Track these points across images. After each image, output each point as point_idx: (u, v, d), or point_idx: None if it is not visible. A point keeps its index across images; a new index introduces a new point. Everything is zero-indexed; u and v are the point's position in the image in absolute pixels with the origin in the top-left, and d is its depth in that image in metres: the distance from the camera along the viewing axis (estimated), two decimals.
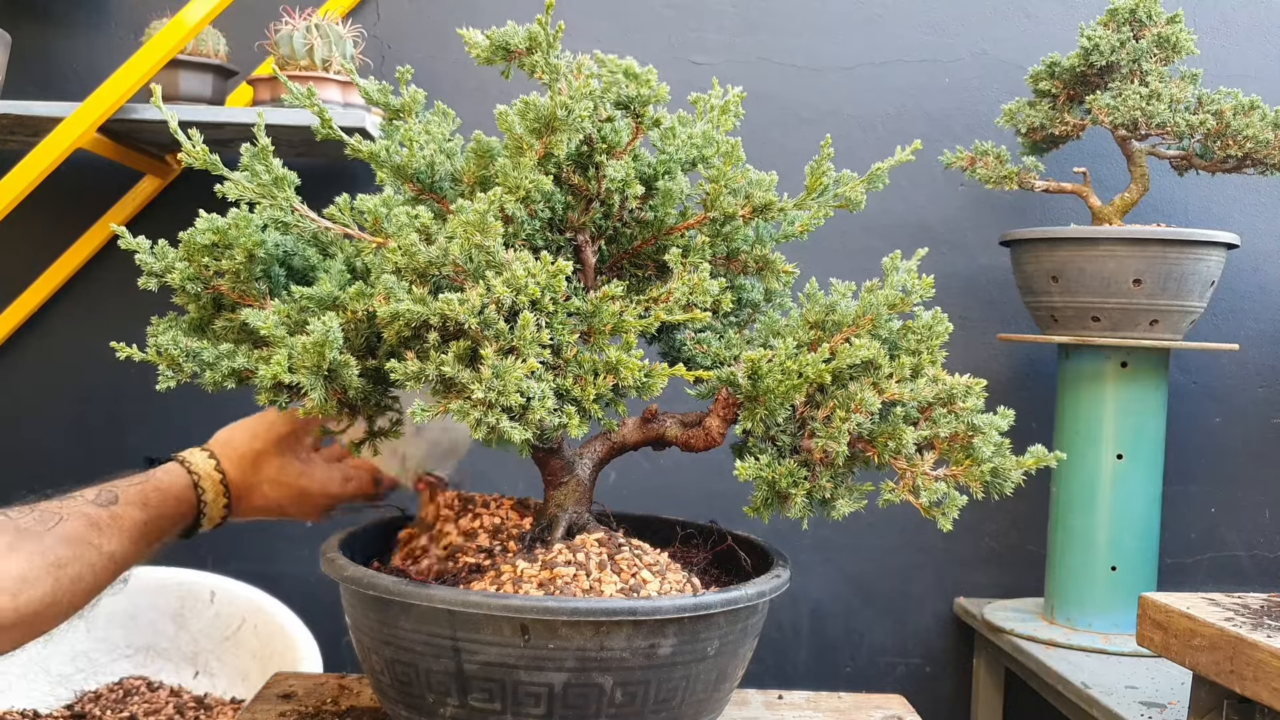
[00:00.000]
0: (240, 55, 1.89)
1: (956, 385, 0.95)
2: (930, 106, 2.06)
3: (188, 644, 1.80)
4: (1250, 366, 2.09)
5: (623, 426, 1.05)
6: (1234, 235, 1.78)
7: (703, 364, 1.05)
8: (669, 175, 1.02)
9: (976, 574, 2.09)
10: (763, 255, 1.08)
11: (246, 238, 0.95)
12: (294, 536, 2.03)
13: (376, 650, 0.95)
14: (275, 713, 1.13)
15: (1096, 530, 1.82)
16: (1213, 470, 2.10)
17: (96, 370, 2.00)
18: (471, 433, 0.87)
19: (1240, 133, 1.72)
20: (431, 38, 2.01)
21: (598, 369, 0.92)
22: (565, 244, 1.02)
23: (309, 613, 2.04)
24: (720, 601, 0.92)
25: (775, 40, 2.05)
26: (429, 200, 1.01)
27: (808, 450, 0.96)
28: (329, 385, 0.91)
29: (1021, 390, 2.07)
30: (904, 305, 0.98)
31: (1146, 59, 1.76)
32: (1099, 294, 1.74)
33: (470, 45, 1.00)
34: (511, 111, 0.95)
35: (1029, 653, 1.75)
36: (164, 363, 0.96)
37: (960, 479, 0.94)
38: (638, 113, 0.99)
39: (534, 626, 0.87)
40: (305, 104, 1.03)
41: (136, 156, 1.86)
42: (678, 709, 0.93)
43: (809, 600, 2.08)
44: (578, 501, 1.05)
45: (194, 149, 0.99)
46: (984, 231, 2.06)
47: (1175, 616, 1.23)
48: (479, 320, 0.87)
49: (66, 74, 1.98)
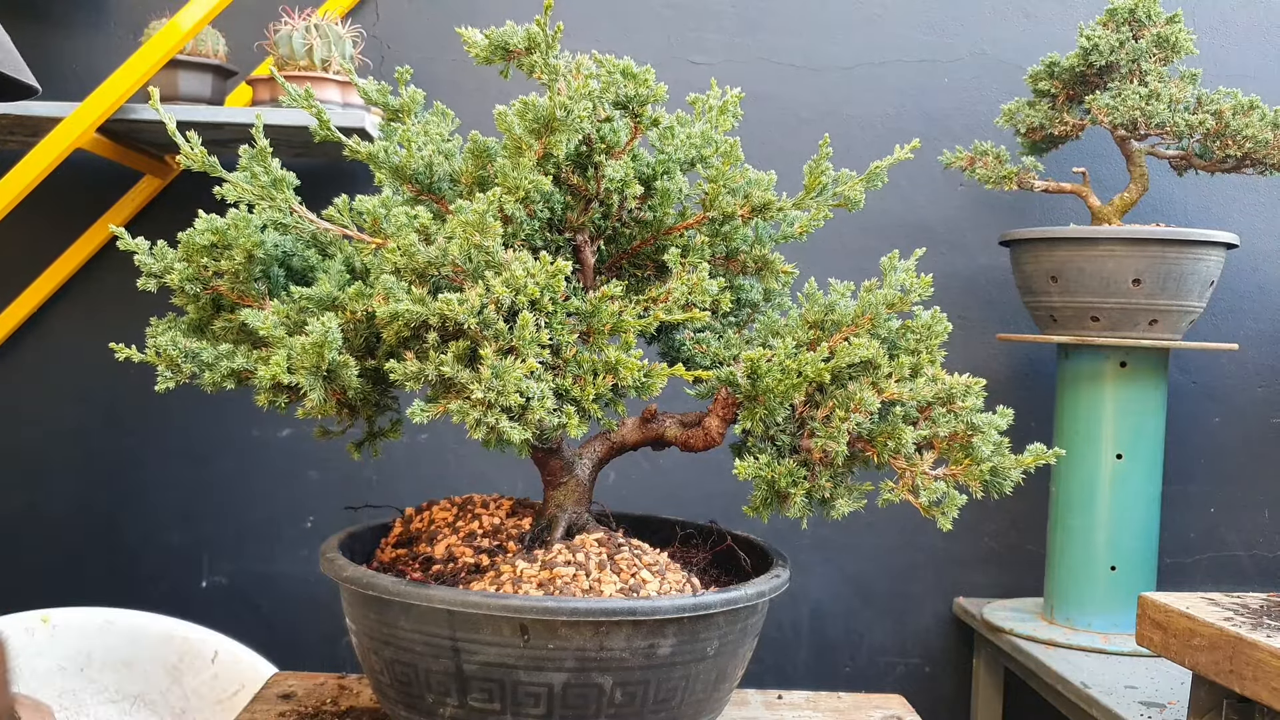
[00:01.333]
0: (240, 55, 1.89)
1: (956, 385, 0.95)
2: (929, 106, 2.06)
3: (178, 699, 1.77)
4: (1249, 366, 2.09)
5: (622, 426, 1.05)
6: (1233, 235, 1.78)
7: (702, 364, 1.05)
8: (668, 175, 1.02)
9: (976, 574, 2.09)
10: (762, 255, 1.08)
11: (245, 238, 0.95)
12: (294, 537, 2.04)
13: (376, 650, 0.95)
14: (275, 712, 1.13)
15: (1096, 530, 1.82)
16: (1212, 470, 2.10)
17: (95, 371, 2.00)
18: (471, 433, 0.87)
19: (1239, 133, 1.72)
20: (431, 38, 2.01)
21: (597, 369, 0.92)
22: (564, 244, 1.02)
23: (309, 613, 2.05)
24: (720, 601, 0.92)
25: (774, 40, 2.05)
26: (428, 201, 1.01)
27: (807, 450, 0.96)
28: (328, 385, 0.91)
29: (1021, 390, 2.07)
30: (903, 305, 0.98)
31: (1146, 59, 1.76)
32: (1098, 294, 1.74)
33: (469, 45, 1.00)
34: (510, 112, 0.95)
35: (1028, 652, 1.75)
36: (163, 363, 0.96)
37: (960, 478, 0.94)
38: (636, 113, 0.99)
39: (534, 627, 0.87)
40: (303, 105, 1.03)
41: (136, 157, 1.86)
42: (677, 709, 0.93)
43: (809, 600, 2.08)
44: (577, 502, 1.05)
45: (192, 151, 0.99)
46: (983, 231, 2.06)
47: (1175, 616, 1.23)
48: (478, 320, 0.87)
49: (66, 74, 1.98)
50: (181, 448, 2.03)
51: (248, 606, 2.03)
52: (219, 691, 1.75)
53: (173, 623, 1.79)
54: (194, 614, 1.89)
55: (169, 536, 2.03)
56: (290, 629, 2.04)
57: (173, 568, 2.03)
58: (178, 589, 2.02)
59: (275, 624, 2.04)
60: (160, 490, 2.03)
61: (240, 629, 1.97)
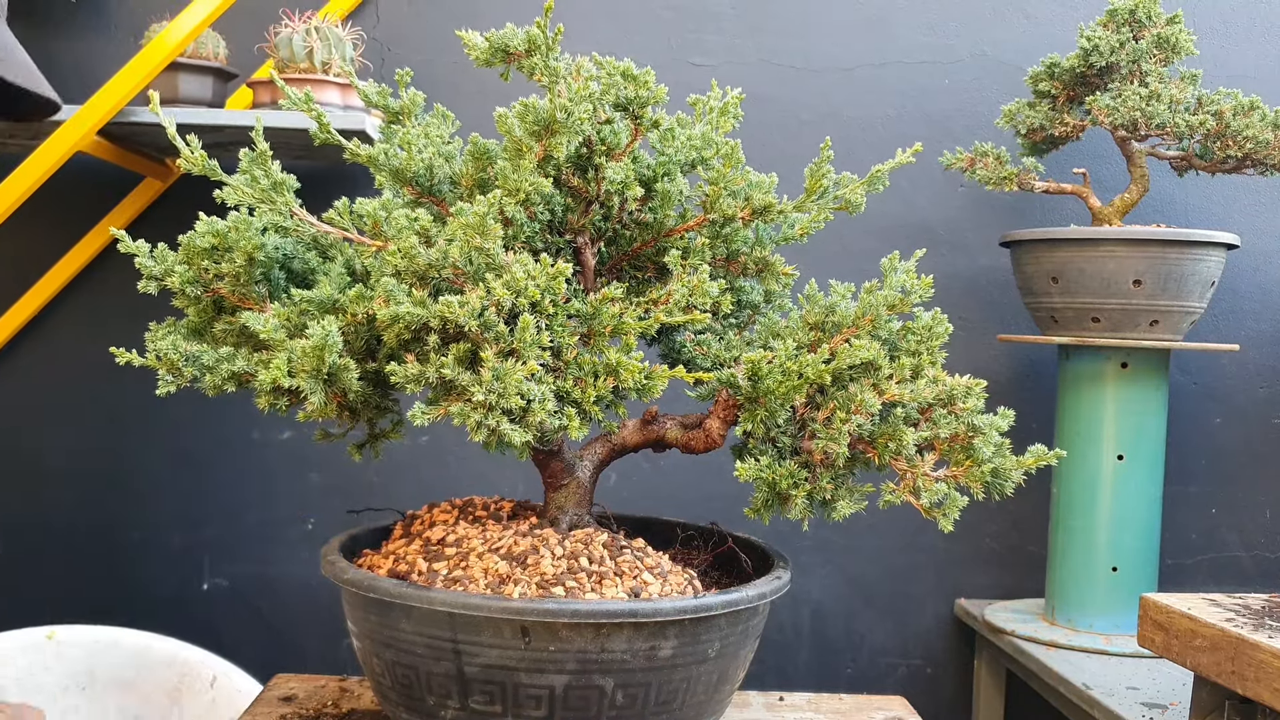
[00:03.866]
0: (240, 58, 1.89)
1: (957, 386, 0.95)
2: (930, 108, 2.06)
3: None
4: (1250, 367, 2.09)
5: (623, 428, 1.05)
6: (1234, 236, 1.78)
7: (703, 365, 1.05)
8: (668, 177, 1.02)
9: (977, 575, 2.09)
10: (762, 257, 1.08)
11: (246, 241, 0.95)
12: (294, 539, 2.04)
13: (377, 653, 0.95)
14: (276, 715, 1.13)
15: (1097, 531, 1.82)
16: (1213, 471, 2.10)
17: (96, 374, 2.00)
18: (472, 435, 0.87)
19: (1240, 133, 1.72)
20: (431, 40, 2.02)
21: (598, 371, 0.92)
22: (565, 246, 1.02)
23: (309, 615, 2.05)
24: (721, 603, 0.92)
25: (775, 42, 2.06)
26: (428, 203, 1.01)
27: (808, 451, 0.96)
28: (329, 388, 0.91)
29: (1022, 391, 2.07)
30: (903, 306, 0.98)
31: (1146, 60, 1.76)
32: (1099, 295, 1.74)
33: (470, 47, 1.00)
34: (511, 114, 0.95)
35: (1030, 654, 1.75)
36: (163, 367, 0.96)
37: (961, 480, 0.94)
38: (637, 114, 0.99)
39: (535, 628, 0.87)
40: (302, 108, 1.03)
41: (136, 159, 1.86)
42: (679, 711, 0.93)
43: (810, 601, 2.08)
44: (578, 503, 1.05)
45: (193, 155, 0.99)
46: (984, 232, 2.06)
47: (1176, 617, 1.23)
48: (479, 322, 0.87)
49: (66, 77, 1.98)
50: (182, 451, 2.03)
51: (248, 609, 2.03)
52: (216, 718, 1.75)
53: (176, 645, 1.78)
54: (195, 617, 1.89)
55: (170, 539, 2.03)
56: (291, 631, 2.04)
57: (173, 570, 2.03)
58: (179, 592, 2.02)
59: (276, 626, 2.04)
60: (161, 493, 2.03)
61: (241, 631, 1.97)
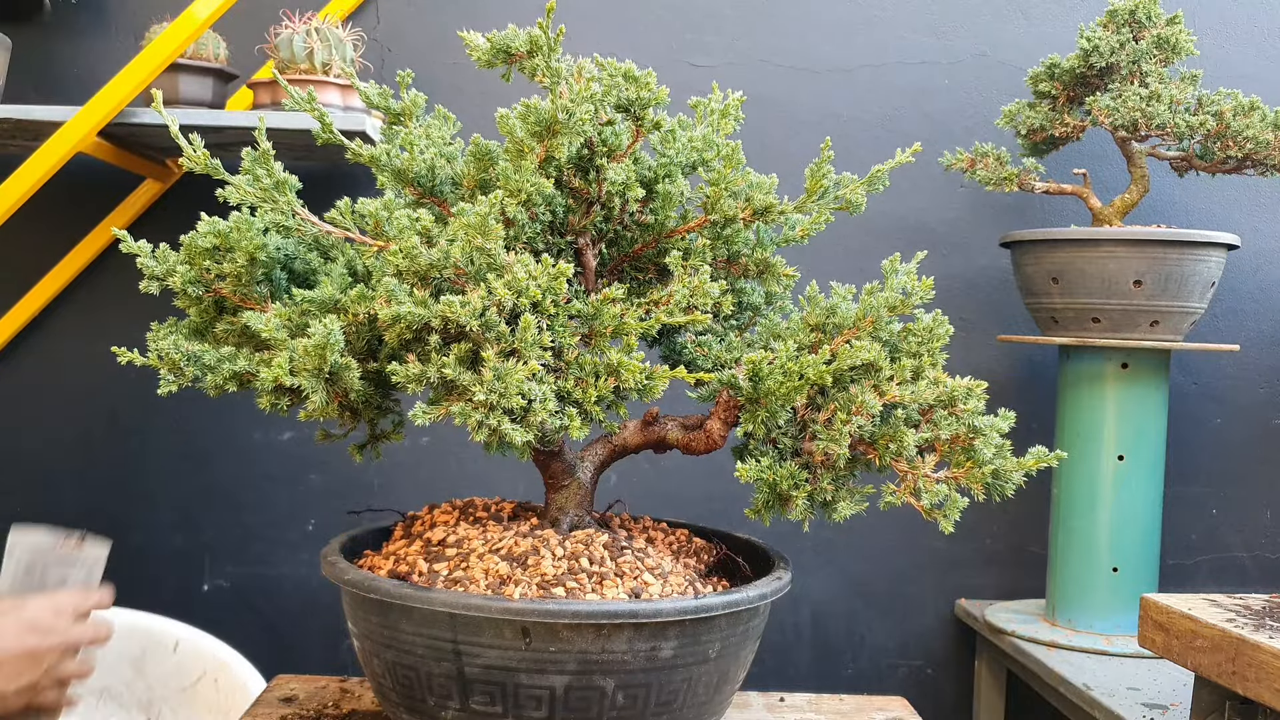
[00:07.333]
0: (241, 59, 1.89)
1: (957, 387, 0.95)
2: (930, 108, 2.06)
3: (143, 690, 1.78)
4: (1251, 367, 2.09)
5: (624, 429, 1.05)
6: (1234, 236, 1.78)
7: (704, 366, 1.05)
8: (669, 178, 1.02)
9: (978, 576, 2.09)
10: (763, 258, 1.08)
11: (248, 241, 0.95)
12: (295, 540, 2.04)
13: (378, 653, 0.95)
14: (276, 715, 1.13)
15: (1098, 532, 1.82)
16: (1214, 471, 2.10)
17: (98, 374, 2.00)
18: (473, 435, 0.88)
19: (1240, 134, 1.72)
20: (432, 41, 2.02)
21: (599, 371, 0.92)
22: (566, 247, 1.03)
23: (310, 615, 2.05)
24: (721, 604, 0.92)
25: (775, 42, 2.06)
26: (430, 203, 1.01)
27: (809, 452, 0.96)
28: (330, 388, 0.92)
29: (1022, 392, 2.07)
30: (904, 307, 0.98)
31: (1146, 60, 1.76)
32: (1099, 295, 1.74)
33: (471, 48, 1.00)
34: (512, 115, 0.95)
35: (1030, 654, 1.75)
36: (165, 367, 0.96)
37: (961, 481, 0.94)
38: (638, 116, 0.99)
39: (535, 629, 0.87)
40: (305, 109, 1.03)
41: (137, 160, 1.86)
42: (679, 711, 0.93)
43: (810, 602, 2.08)
44: (579, 504, 1.05)
45: (195, 154, 0.99)
46: (984, 233, 2.06)
47: (1177, 618, 1.23)
48: (480, 322, 0.87)
49: (67, 78, 1.98)
50: (183, 451, 2.03)
51: (249, 609, 2.03)
52: (181, 679, 1.76)
53: (134, 614, 1.79)
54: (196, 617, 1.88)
55: (170, 539, 2.03)
56: (292, 632, 2.04)
57: (174, 571, 2.03)
58: (179, 592, 2.02)
59: (277, 627, 2.04)
60: (162, 493, 2.03)
61: (242, 632, 1.97)
